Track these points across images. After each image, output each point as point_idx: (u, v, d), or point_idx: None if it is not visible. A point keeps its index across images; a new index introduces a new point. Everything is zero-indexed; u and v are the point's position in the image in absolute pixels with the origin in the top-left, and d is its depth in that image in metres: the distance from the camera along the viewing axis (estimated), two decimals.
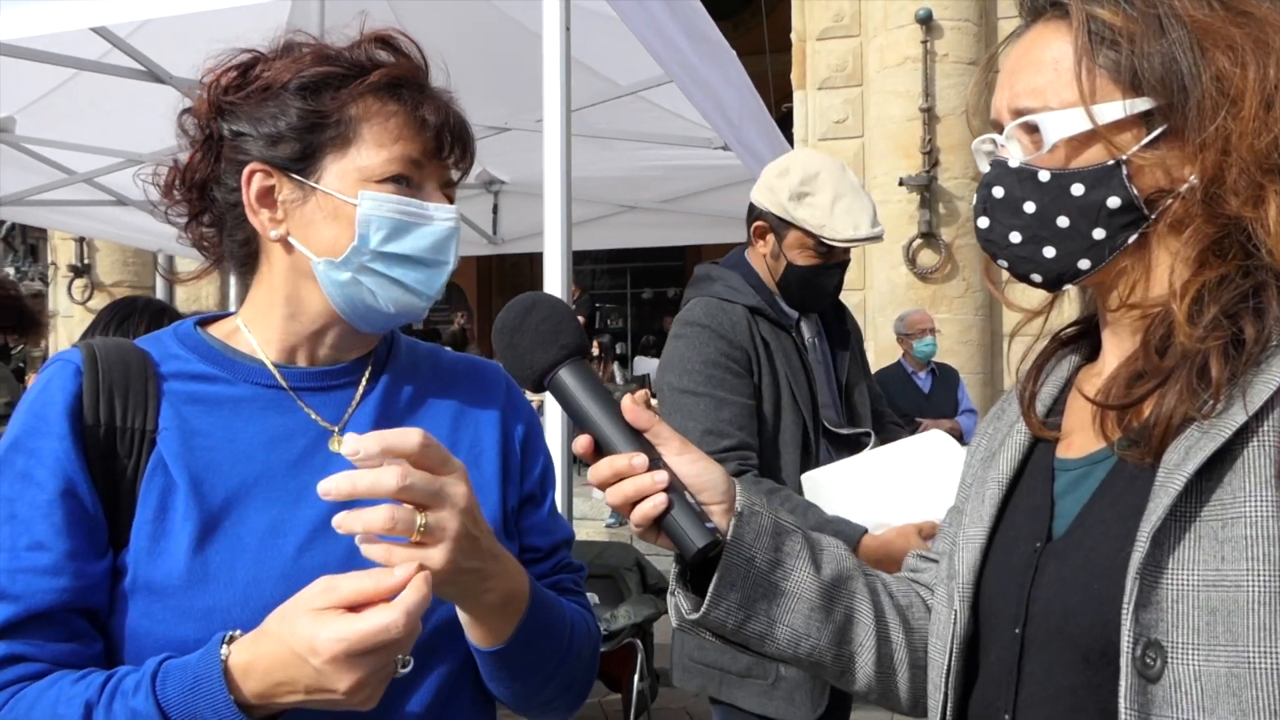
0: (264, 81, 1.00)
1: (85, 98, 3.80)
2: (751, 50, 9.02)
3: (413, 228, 1.01)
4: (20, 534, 0.90)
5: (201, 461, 0.96)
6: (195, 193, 1.04)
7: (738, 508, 0.91)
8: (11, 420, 0.96)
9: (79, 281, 10.20)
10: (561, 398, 0.91)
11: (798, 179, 2.17)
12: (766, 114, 4.00)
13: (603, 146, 4.29)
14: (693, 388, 2.08)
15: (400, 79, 1.02)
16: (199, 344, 1.04)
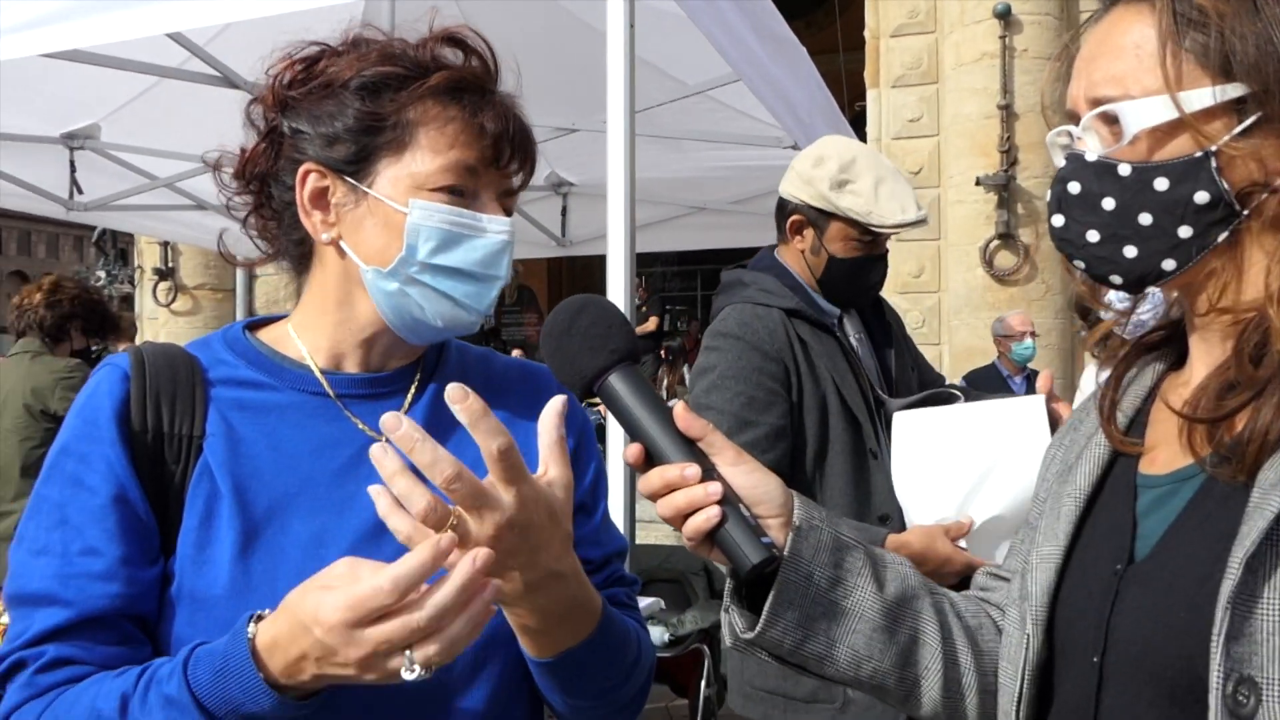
0: (326, 78, 0.98)
1: (165, 104, 3.89)
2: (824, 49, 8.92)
3: (464, 240, 0.98)
4: (73, 539, 0.90)
5: (246, 469, 0.94)
6: (256, 183, 1.03)
7: (795, 521, 0.86)
8: (63, 425, 0.96)
9: (163, 284, 10.50)
10: (611, 404, 0.87)
11: (835, 166, 2.05)
12: (838, 111, 3.94)
13: (671, 147, 4.26)
14: (718, 405, 1.95)
15: (462, 82, 0.99)
16: (247, 349, 1.02)
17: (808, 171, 2.09)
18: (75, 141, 4.23)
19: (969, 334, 7.55)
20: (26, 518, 0.93)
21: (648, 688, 1.07)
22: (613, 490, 1.94)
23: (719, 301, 2.17)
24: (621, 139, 2.16)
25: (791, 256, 2.16)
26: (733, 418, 1.93)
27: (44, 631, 0.88)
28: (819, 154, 2.11)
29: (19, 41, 2.33)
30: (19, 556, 0.92)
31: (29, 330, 3.54)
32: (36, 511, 0.93)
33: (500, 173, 1.01)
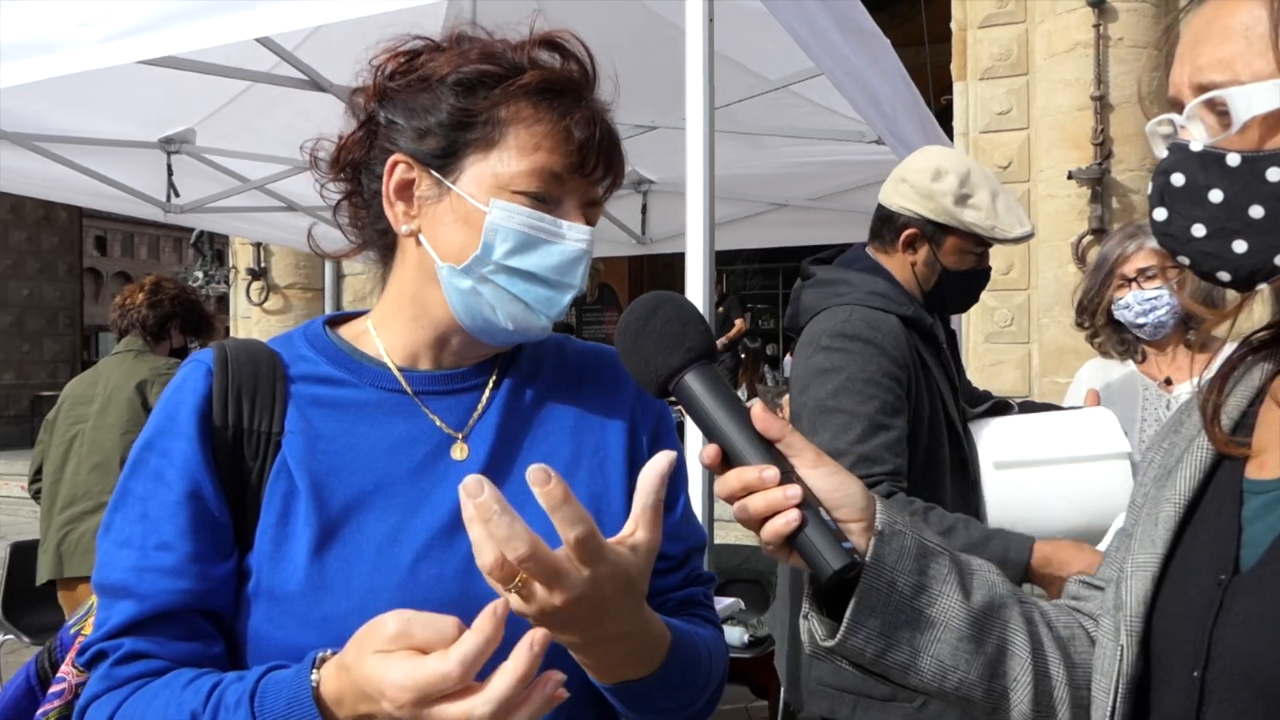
0: (425, 72, 0.99)
1: (256, 109, 3.99)
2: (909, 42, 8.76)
3: (541, 244, 0.97)
4: (150, 533, 0.92)
5: (323, 466, 0.95)
6: (349, 171, 1.04)
7: (878, 526, 0.83)
8: (149, 419, 0.98)
9: (256, 284, 10.81)
10: (687, 404, 0.85)
11: (956, 181, 2.04)
12: (923, 106, 3.85)
13: (751, 143, 4.22)
14: (850, 406, 1.89)
15: (556, 84, 0.98)
16: (327, 346, 1.03)
17: (927, 186, 2.06)
18: (172, 146, 4.38)
19: (1059, 332, 7.33)
20: (113, 509, 0.96)
21: (719, 694, 1.05)
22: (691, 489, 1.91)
23: (813, 297, 2.12)
24: (700, 136, 2.13)
25: (898, 266, 2.13)
26: (867, 420, 1.88)
27: (121, 624, 0.90)
28: (935, 167, 2.08)
29: (116, 50, 2.41)
30: (105, 546, 0.94)
31: (131, 329, 3.66)
32: (122, 503, 0.95)
33: (585, 180, 1.00)
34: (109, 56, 2.43)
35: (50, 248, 16.25)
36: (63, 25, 2.47)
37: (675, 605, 1.07)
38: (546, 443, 1.05)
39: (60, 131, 4.07)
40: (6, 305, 15.49)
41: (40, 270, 16.07)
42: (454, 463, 0.99)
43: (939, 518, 1.87)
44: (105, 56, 2.42)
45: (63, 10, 2.47)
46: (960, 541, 1.82)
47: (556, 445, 1.04)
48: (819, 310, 2.07)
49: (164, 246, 43.29)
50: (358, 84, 1.04)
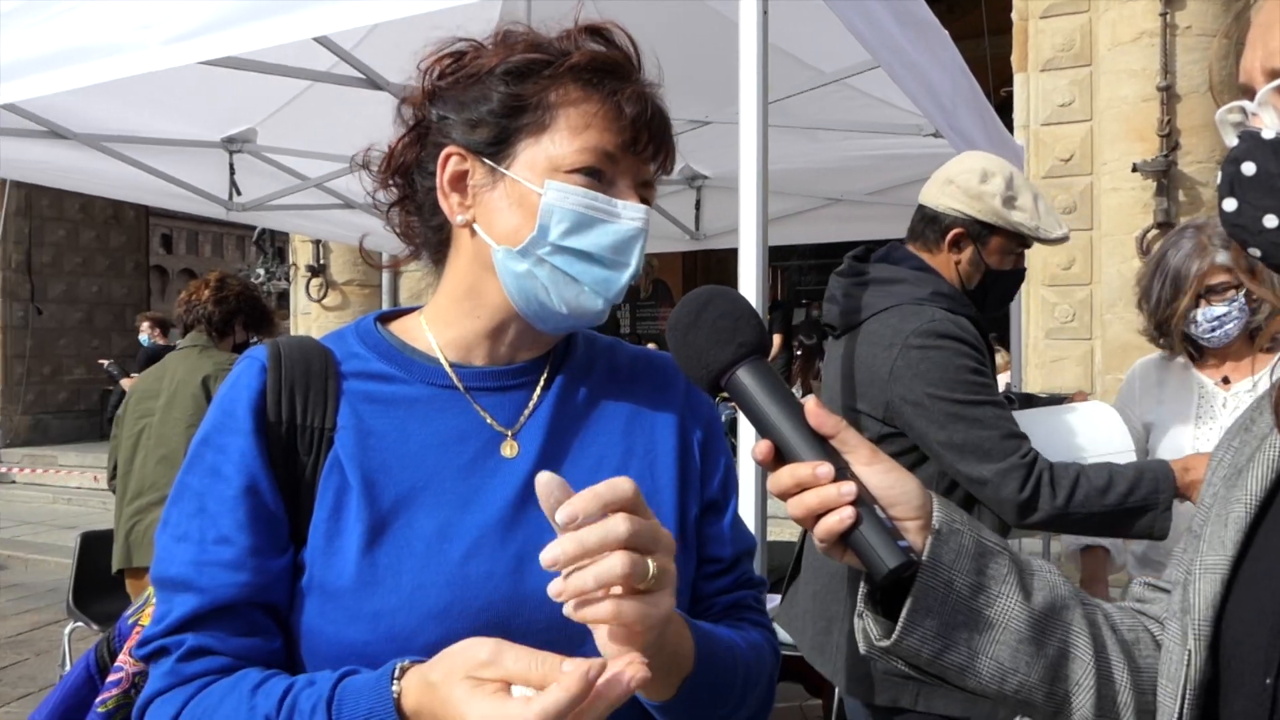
0: (473, 68, 1.00)
1: (315, 108, 4.04)
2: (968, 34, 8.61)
3: (596, 224, 0.97)
4: (209, 527, 0.93)
5: (374, 462, 0.95)
6: (401, 178, 1.04)
7: (935, 524, 0.81)
8: (206, 415, 0.99)
9: (315, 281, 10.99)
10: (740, 399, 0.84)
11: (1002, 183, 2.11)
12: (983, 98, 3.78)
13: (806, 137, 4.18)
14: (975, 397, 1.98)
15: (604, 64, 0.98)
16: (378, 342, 1.04)
17: (975, 187, 2.13)
18: (234, 145, 4.46)
19: (1123, 328, 7.17)
20: (170, 503, 0.96)
21: (770, 696, 1.04)
22: (744, 486, 1.91)
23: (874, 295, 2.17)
24: (754, 130, 2.11)
25: (942, 265, 2.20)
26: (992, 405, 1.99)
27: (182, 618, 0.90)
28: (982, 169, 2.15)
29: (178, 51, 2.45)
30: (163, 540, 0.95)
31: (197, 324, 3.74)
32: (180, 498, 0.96)
33: (637, 159, 1.00)
34: (171, 57, 2.47)
35: (118, 246, 16.67)
36: (126, 28, 2.52)
37: (723, 609, 1.06)
38: (597, 442, 1.04)
39: (127, 132, 4.16)
40: (76, 302, 15.92)
41: (108, 268, 16.48)
42: (504, 460, 0.99)
43: (1094, 472, 1.97)
44: (168, 58, 2.46)
45: (126, 13, 2.52)
46: (1120, 489, 1.93)
47: (607, 445, 1.04)
48: (882, 309, 2.11)
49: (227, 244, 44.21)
50: (406, 90, 1.04)
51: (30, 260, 14.99)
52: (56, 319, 15.41)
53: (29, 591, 7.83)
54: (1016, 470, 1.92)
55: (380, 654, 0.87)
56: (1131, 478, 1.95)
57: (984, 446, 1.95)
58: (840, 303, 2.24)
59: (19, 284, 14.88)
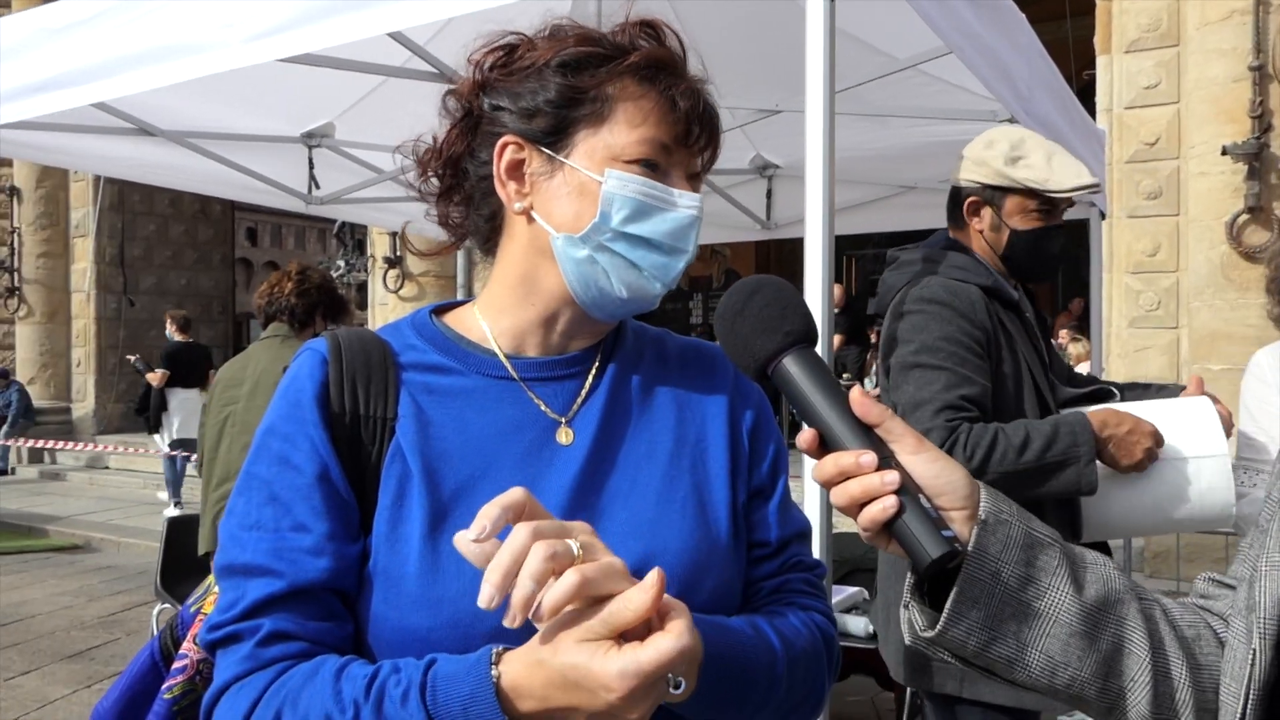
0: (527, 60, 1.02)
1: (390, 102, 4.11)
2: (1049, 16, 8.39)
3: (655, 211, 0.99)
4: (283, 515, 0.94)
5: (435, 451, 0.97)
6: (449, 168, 1.07)
7: (981, 514, 0.80)
8: (269, 407, 1.02)
9: (392, 272, 11.19)
10: (785, 388, 0.85)
11: (1006, 146, 2.14)
12: (1062, 82, 3.69)
13: (878, 125, 4.13)
14: (932, 362, 1.99)
15: (660, 62, 1.01)
16: (434, 334, 1.06)
17: (979, 154, 2.19)
18: (313, 140, 4.56)
19: (1211, 316, 6.94)
20: (236, 494, 0.98)
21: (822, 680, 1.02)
22: (810, 476, 1.90)
23: (895, 277, 2.22)
24: (820, 119, 2.09)
25: (972, 239, 2.23)
26: (951, 374, 1.98)
27: (258, 601, 0.91)
28: (988, 138, 2.21)
29: (259, 48, 2.52)
30: (229, 530, 0.96)
31: (279, 315, 3.84)
32: (246, 488, 0.97)
33: (689, 151, 1.03)
34: (252, 55, 2.55)
35: (206, 239, 17.18)
36: (209, 27, 2.60)
37: (769, 593, 1.06)
38: (649, 429, 1.05)
39: (210, 128, 4.29)
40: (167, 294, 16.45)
41: (197, 261, 17.00)
42: (560, 447, 1.01)
43: (1011, 430, 1.94)
44: (249, 55, 2.54)
45: (209, 13, 2.60)
46: (1037, 445, 1.90)
47: (659, 431, 1.05)
48: (900, 287, 2.17)
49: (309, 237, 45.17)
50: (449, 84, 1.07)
51: (123, 254, 15.53)
52: (147, 310, 15.95)
53: (120, 573, 8.15)
54: (934, 433, 1.91)
55: (443, 640, 0.89)
56: (1048, 433, 1.93)
57: (917, 404, 1.95)
58: (880, 293, 2.30)
59: (112, 277, 15.43)
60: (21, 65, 3.01)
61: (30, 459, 14.16)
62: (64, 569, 8.37)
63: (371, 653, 0.93)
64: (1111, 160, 7.42)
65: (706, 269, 12.68)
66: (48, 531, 9.85)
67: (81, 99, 2.93)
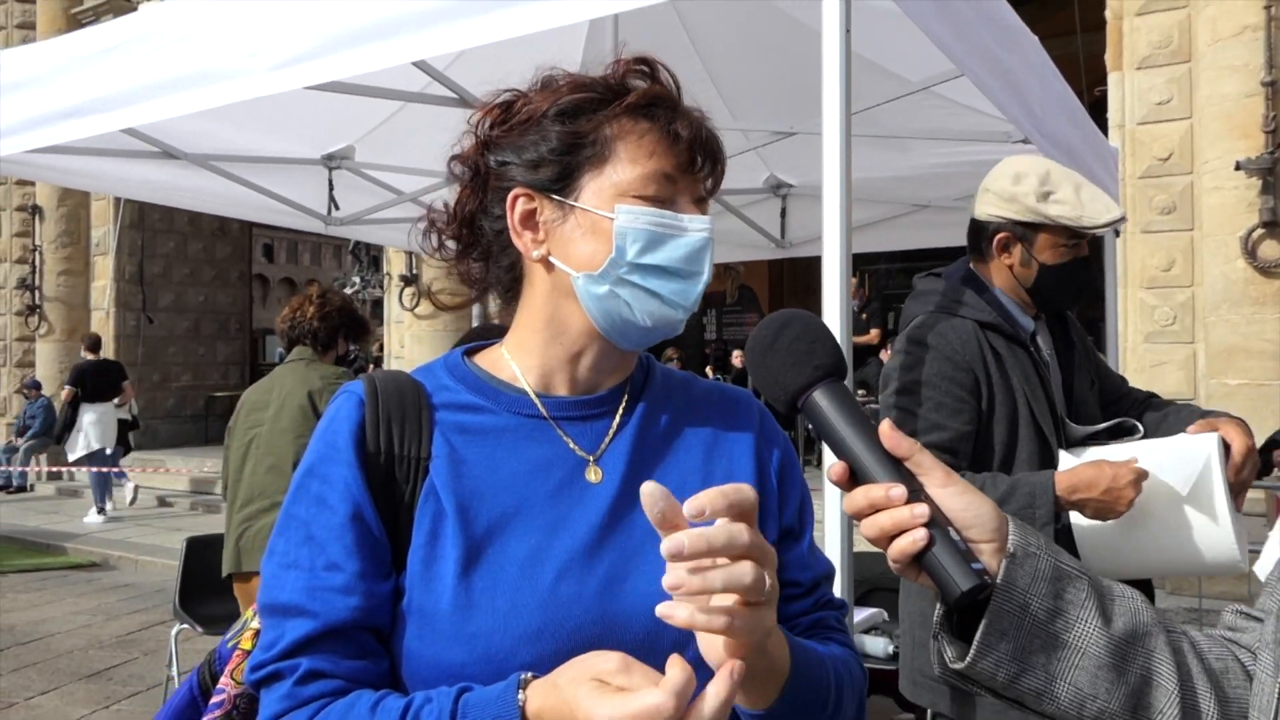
0: (525, 114, 1.05)
1: (409, 126, 4.16)
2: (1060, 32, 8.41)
3: (667, 239, 1.02)
4: (317, 555, 0.97)
5: (467, 489, 0.99)
6: (465, 228, 1.10)
7: (1010, 548, 0.82)
8: (307, 448, 1.04)
9: (408, 290, 11.25)
10: (815, 421, 0.86)
11: (1036, 181, 2.13)
12: (1075, 100, 3.70)
13: (892, 146, 4.14)
14: (907, 405, 2.04)
15: (655, 99, 1.04)
16: (466, 375, 1.09)
17: (1008, 190, 2.17)
18: (333, 162, 4.61)
19: (1228, 331, 6.92)
20: (276, 533, 1.01)
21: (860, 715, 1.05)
22: (830, 500, 1.91)
23: (911, 308, 2.26)
24: (837, 143, 2.12)
25: (996, 273, 2.23)
26: (921, 420, 2.03)
27: (295, 642, 0.94)
28: (1014, 172, 2.19)
29: (284, 76, 2.56)
30: (270, 569, 0.99)
31: (302, 339, 3.89)
32: (286, 528, 1.00)
33: (694, 178, 1.06)
34: (277, 83, 2.58)
35: (224, 257, 17.31)
36: (235, 55, 2.64)
37: (805, 629, 1.08)
38: (678, 468, 1.07)
39: (233, 151, 4.34)
40: (185, 311, 16.58)
41: (214, 278, 17.13)
42: (589, 485, 1.03)
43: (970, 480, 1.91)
44: (274, 83, 2.57)
45: (234, 42, 2.64)
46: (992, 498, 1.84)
47: (687, 470, 1.07)
48: (917, 316, 2.20)
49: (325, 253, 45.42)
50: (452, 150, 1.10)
51: (142, 271, 15.65)
52: (165, 327, 16.07)
53: (137, 592, 8.18)
54: None
55: (477, 675, 0.91)
56: (1003, 490, 1.91)
57: None
58: (901, 322, 2.32)
59: (132, 294, 15.56)
60: (51, 91, 3.06)
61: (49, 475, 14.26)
62: (82, 587, 8.41)
63: (407, 688, 0.95)
64: (1125, 176, 7.41)
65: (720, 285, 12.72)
66: (65, 549, 9.91)
67: (110, 125, 2.98)
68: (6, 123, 3.16)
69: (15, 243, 15.90)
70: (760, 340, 0.90)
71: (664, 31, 3.47)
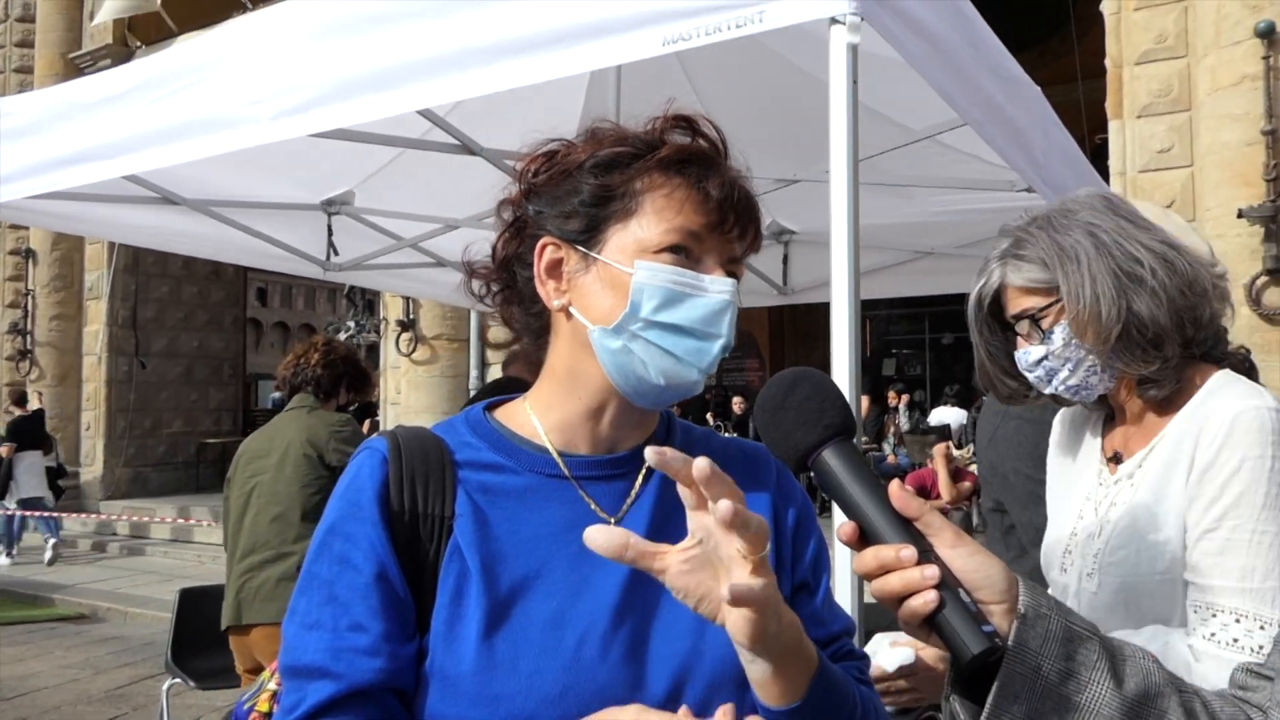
0: (564, 165, 1.08)
1: (409, 171, 4.21)
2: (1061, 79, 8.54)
3: (685, 298, 1.02)
4: (341, 615, 0.97)
5: (490, 550, 1.01)
6: (503, 272, 1.13)
7: (1021, 609, 0.83)
8: (328, 506, 1.05)
9: (405, 335, 11.29)
10: (824, 480, 0.88)
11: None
12: (1076, 149, 3.76)
13: (896, 193, 4.19)
14: None
15: (689, 155, 1.06)
16: (489, 432, 1.10)
17: None
18: (333, 208, 4.64)
19: None
20: (298, 593, 1.01)
21: None
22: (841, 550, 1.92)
23: None
24: (845, 193, 2.15)
25: None
26: None
27: (318, 705, 0.94)
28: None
29: (287, 125, 2.60)
30: (292, 630, 0.99)
31: (304, 386, 3.91)
32: (308, 588, 1.01)
33: (724, 238, 1.06)
34: (281, 131, 2.62)
35: (218, 300, 17.35)
36: (237, 103, 2.69)
37: None
38: None
39: (233, 197, 4.38)
40: (177, 356, 16.57)
41: (208, 322, 17.15)
42: None
43: None
44: (278, 131, 2.61)
45: (237, 90, 2.69)
46: None
47: None
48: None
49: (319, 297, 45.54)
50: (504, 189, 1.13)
51: (135, 315, 15.68)
52: (158, 373, 16.06)
53: (126, 644, 8.10)
54: None
55: None
56: None
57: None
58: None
59: (124, 339, 15.57)
60: (53, 138, 3.10)
61: None
62: (70, 640, 8.34)
63: None
64: None
65: None
66: (53, 600, 9.83)
67: (113, 172, 3.02)
68: (7, 169, 3.20)
69: (8, 287, 15.94)
70: (770, 399, 0.92)
71: (666, 80, 3.53)
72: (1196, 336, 1.49)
